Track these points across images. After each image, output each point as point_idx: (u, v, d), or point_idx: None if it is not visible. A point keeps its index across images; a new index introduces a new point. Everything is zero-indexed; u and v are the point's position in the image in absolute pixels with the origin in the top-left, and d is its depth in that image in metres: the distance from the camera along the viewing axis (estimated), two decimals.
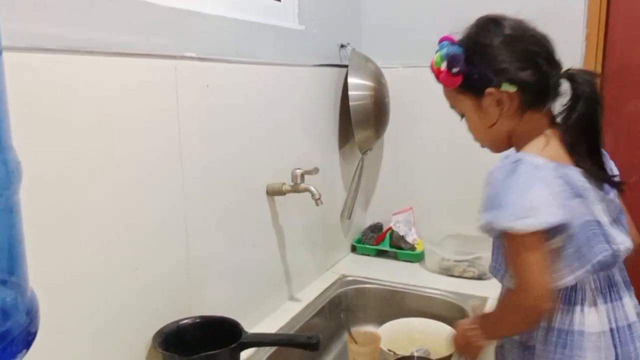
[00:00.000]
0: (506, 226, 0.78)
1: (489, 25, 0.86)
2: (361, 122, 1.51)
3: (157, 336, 0.89)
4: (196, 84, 0.98)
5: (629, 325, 0.84)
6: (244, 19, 1.11)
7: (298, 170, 1.20)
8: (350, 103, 1.48)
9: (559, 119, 0.88)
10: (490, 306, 1.22)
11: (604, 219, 0.83)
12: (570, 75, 0.84)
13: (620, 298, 0.85)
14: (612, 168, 0.91)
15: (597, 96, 0.83)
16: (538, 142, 0.85)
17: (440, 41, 0.88)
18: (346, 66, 1.51)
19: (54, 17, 0.71)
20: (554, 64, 0.85)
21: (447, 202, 1.65)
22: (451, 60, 0.84)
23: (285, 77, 1.27)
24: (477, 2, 1.06)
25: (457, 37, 0.88)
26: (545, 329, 0.84)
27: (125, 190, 0.84)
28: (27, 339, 0.44)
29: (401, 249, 1.62)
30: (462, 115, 0.92)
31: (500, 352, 0.95)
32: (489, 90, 0.84)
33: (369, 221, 1.78)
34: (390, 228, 1.66)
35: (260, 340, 0.95)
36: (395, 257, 1.63)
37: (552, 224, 0.77)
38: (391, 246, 1.64)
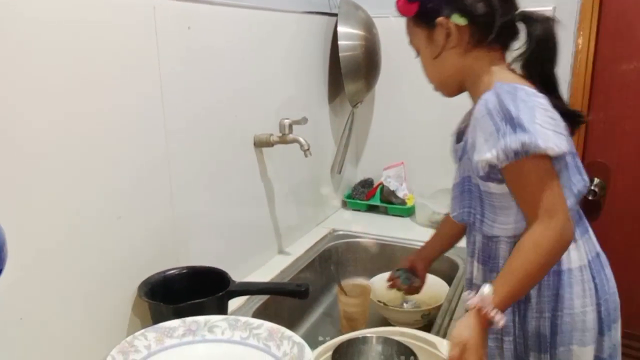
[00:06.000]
0: (545, 147, 0.72)
1: None
2: (351, 74, 1.46)
3: (142, 286, 0.88)
4: (177, 25, 0.93)
5: (597, 254, 0.86)
6: None
7: (286, 121, 1.17)
8: (340, 53, 1.43)
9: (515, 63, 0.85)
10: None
11: (574, 151, 0.84)
12: (524, 16, 0.82)
13: (587, 230, 0.86)
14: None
15: (552, 38, 0.81)
16: (504, 73, 0.82)
17: None
18: (336, 14, 1.45)
19: None
20: (509, 2, 0.83)
21: (438, 156, 1.60)
22: None
23: (272, 22, 1.22)
24: None
25: None
26: None
27: (105, 139, 0.81)
28: None
29: (392, 203, 1.61)
30: (418, 53, 0.89)
31: None
32: (440, 20, 0.81)
33: (359, 176, 1.75)
34: (380, 183, 1.64)
35: (247, 289, 0.93)
36: (385, 212, 1.62)
37: (565, 150, 0.75)
38: (382, 201, 1.62)
